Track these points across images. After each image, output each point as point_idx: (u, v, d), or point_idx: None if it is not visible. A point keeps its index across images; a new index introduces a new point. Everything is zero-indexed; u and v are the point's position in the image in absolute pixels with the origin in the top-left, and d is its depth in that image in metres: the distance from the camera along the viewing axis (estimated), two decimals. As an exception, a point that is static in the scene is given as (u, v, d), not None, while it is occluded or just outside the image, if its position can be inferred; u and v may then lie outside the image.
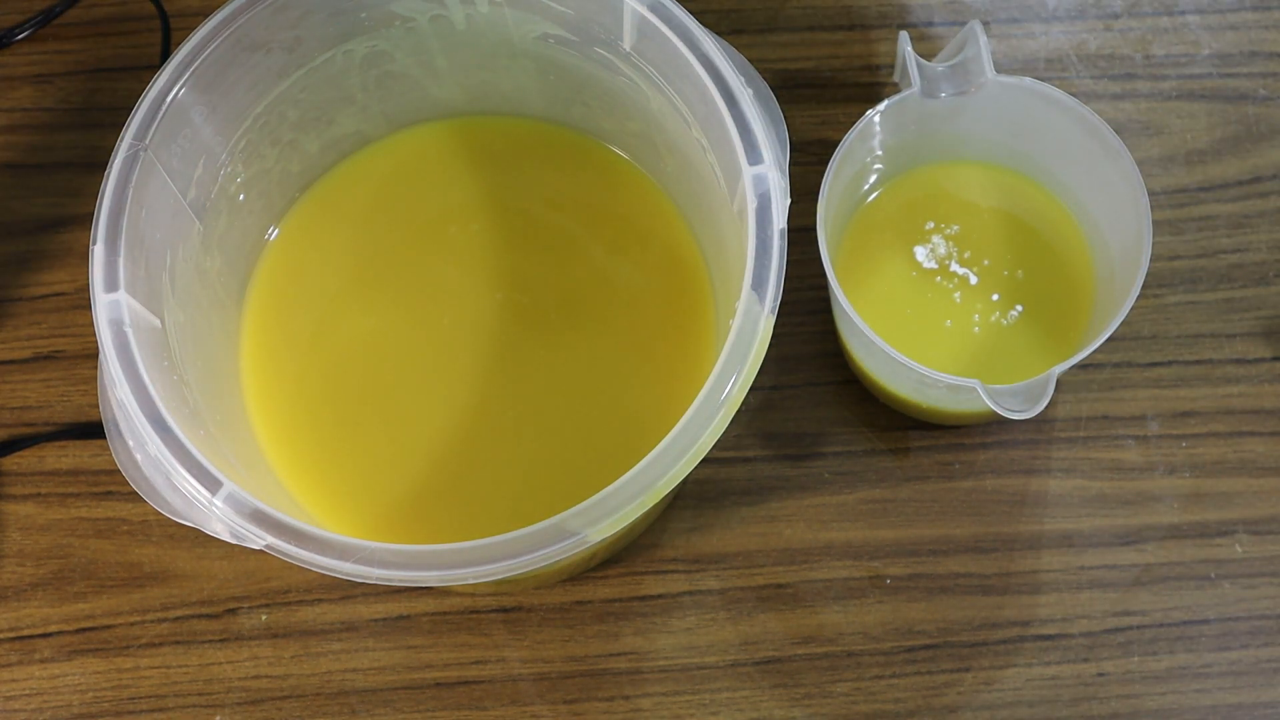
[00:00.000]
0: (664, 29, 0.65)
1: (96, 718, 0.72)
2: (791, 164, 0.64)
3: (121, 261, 0.62)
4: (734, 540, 0.74)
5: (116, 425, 0.61)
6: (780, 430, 0.75)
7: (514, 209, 0.75)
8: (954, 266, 0.73)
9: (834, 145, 0.68)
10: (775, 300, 0.61)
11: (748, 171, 0.63)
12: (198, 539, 0.73)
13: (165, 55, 0.80)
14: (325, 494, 0.70)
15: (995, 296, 0.73)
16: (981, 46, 0.68)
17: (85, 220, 0.64)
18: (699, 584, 0.73)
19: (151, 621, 0.73)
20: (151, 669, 0.72)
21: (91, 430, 0.75)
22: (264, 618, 0.73)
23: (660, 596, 0.73)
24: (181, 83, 0.64)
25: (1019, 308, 0.72)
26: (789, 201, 0.62)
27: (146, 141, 0.63)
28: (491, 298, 0.73)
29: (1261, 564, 0.73)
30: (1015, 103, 0.70)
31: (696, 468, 0.59)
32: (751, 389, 0.60)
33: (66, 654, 0.73)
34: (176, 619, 0.73)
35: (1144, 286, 0.65)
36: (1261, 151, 0.79)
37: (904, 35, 0.70)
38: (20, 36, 0.81)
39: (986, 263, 0.73)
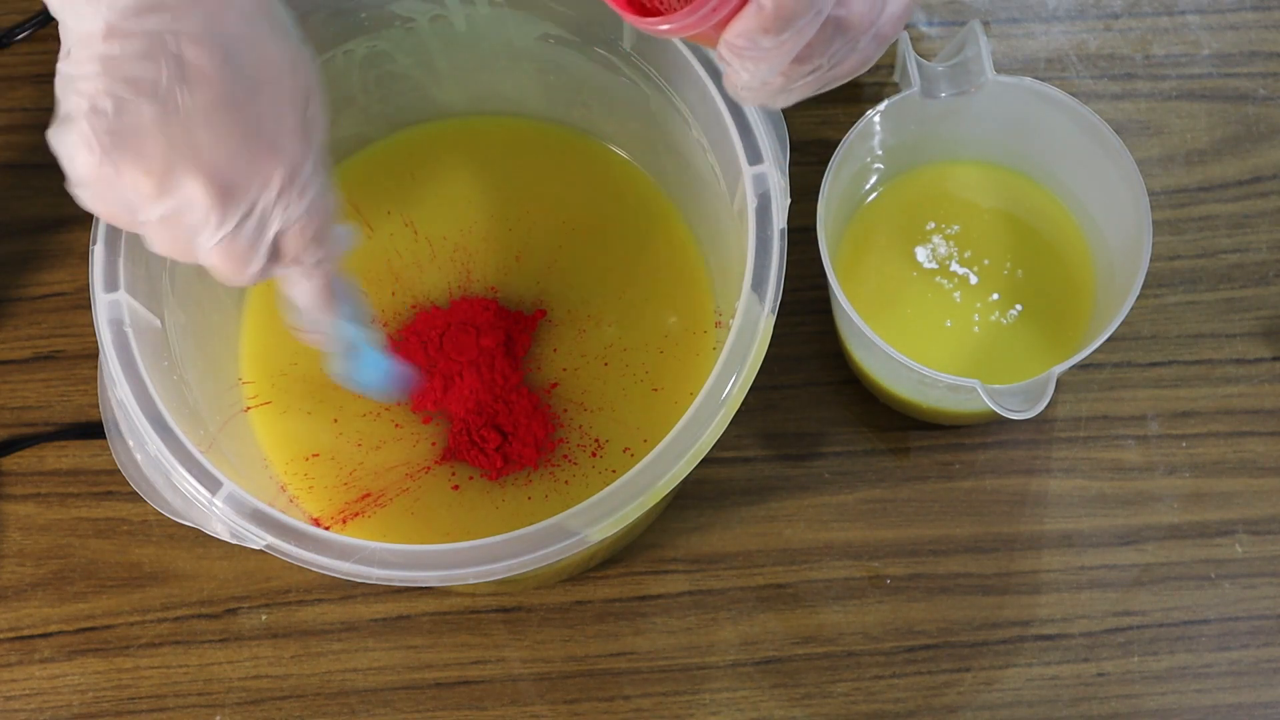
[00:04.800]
0: (664, 29, 0.65)
1: (96, 718, 0.72)
2: (791, 164, 0.64)
3: (121, 261, 0.62)
4: (734, 540, 0.74)
5: (116, 425, 0.61)
6: (780, 430, 0.75)
7: (514, 209, 0.75)
8: (954, 266, 0.73)
9: (834, 145, 0.68)
10: (775, 300, 0.61)
11: (748, 171, 0.63)
12: (198, 539, 0.73)
13: (165, 55, 0.80)
14: (325, 495, 0.70)
15: (995, 296, 0.73)
16: (981, 46, 0.68)
17: (85, 220, 0.64)
18: (699, 584, 0.73)
19: (151, 621, 0.73)
20: (151, 669, 0.72)
21: (91, 430, 0.75)
22: (264, 618, 0.73)
23: (660, 596, 0.73)
24: (181, 83, 0.64)
25: (1019, 307, 0.72)
26: (789, 201, 0.62)
27: (146, 141, 0.63)
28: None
29: (1261, 564, 0.73)
30: (1015, 103, 0.70)
31: (696, 468, 0.59)
32: (751, 389, 0.60)
33: (66, 654, 0.73)
34: (176, 619, 0.73)
35: (1144, 286, 0.65)
36: (1261, 151, 0.79)
37: (904, 35, 0.70)
38: (20, 36, 0.81)
39: (986, 262, 0.73)
